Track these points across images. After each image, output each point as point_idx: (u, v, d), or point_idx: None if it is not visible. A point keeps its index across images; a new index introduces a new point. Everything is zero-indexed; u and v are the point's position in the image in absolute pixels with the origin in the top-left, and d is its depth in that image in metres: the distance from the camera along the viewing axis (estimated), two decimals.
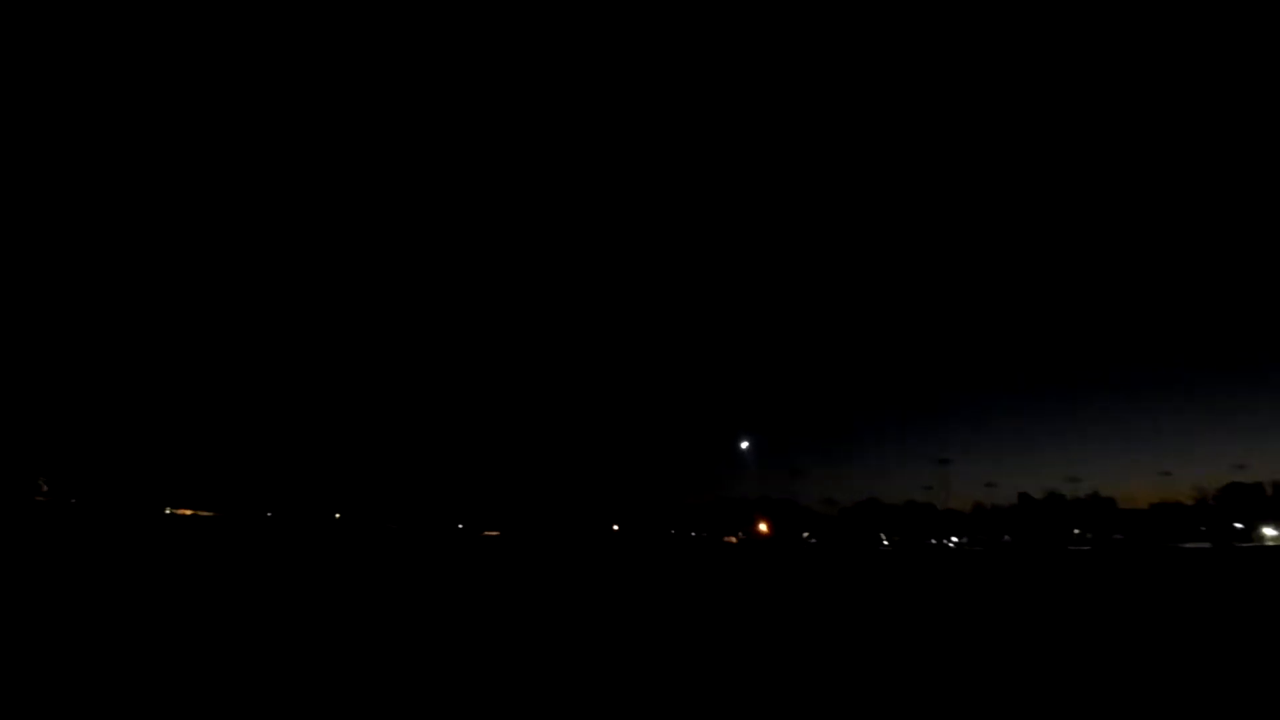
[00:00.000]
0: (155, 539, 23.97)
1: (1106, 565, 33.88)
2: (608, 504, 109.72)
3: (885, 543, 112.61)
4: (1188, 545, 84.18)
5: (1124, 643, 8.85)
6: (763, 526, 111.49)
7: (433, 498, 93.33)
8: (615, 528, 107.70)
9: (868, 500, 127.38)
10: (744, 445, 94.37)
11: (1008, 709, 5.42)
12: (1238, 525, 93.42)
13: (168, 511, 78.20)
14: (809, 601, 13.42)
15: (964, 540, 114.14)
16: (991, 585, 19.91)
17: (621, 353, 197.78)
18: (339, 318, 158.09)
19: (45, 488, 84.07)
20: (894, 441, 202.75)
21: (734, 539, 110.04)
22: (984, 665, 7.07)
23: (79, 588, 9.93)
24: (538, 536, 72.40)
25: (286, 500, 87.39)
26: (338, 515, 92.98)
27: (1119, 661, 7.46)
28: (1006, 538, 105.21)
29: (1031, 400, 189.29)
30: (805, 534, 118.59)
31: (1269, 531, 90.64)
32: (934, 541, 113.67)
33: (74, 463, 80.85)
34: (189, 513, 78.74)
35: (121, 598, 9.17)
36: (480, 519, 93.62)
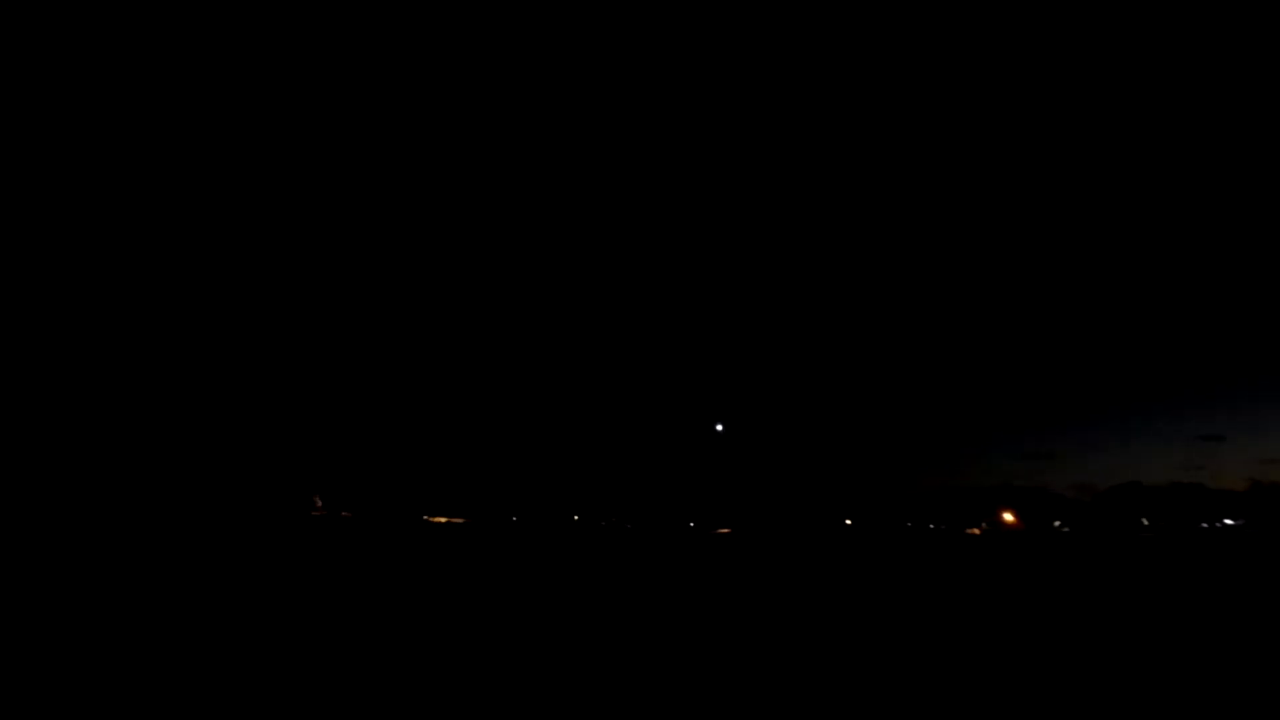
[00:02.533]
0: (414, 544, 25.83)
1: None
2: (840, 495, 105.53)
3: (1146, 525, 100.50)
4: None
5: None
6: (1008, 516, 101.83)
7: (666, 495, 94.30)
8: (848, 522, 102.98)
9: (1127, 483, 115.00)
10: (719, 428, 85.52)
11: None
12: None
13: (425, 519, 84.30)
14: (1084, 612, 10.23)
15: (1240, 522, 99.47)
16: None
17: (850, 332, 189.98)
18: (528, 334, 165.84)
19: (320, 503, 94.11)
20: (1154, 419, 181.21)
21: (977, 530, 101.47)
22: None
23: (352, 586, 10.90)
24: (770, 534, 69.82)
25: (530, 504, 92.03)
26: (575, 517, 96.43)
27: None
28: None
29: None
30: (1056, 523, 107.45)
31: None
32: (1204, 525, 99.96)
33: (343, 480, 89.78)
34: (443, 520, 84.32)
35: (387, 593, 10.11)
36: (711, 516, 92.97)
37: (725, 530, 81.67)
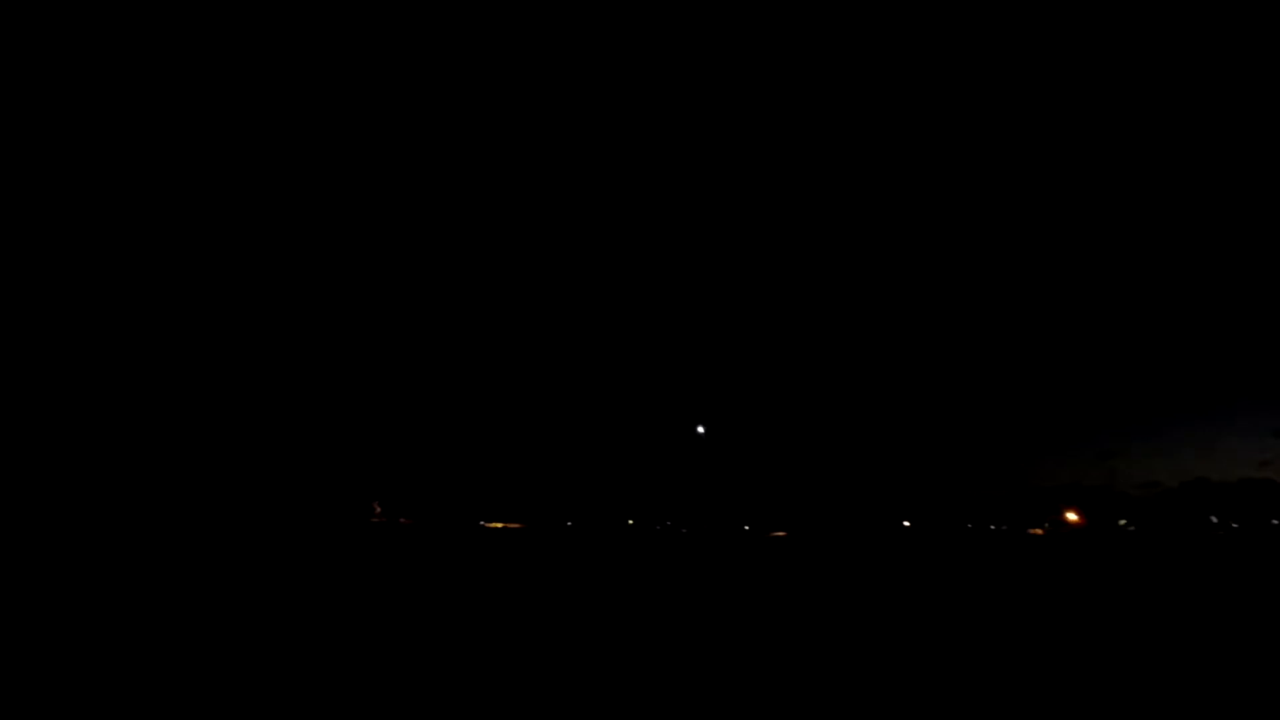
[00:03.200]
0: (470, 549, 26.18)
1: None
2: (898, 497, 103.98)
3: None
4: None
5: None
6: (1071, 516, 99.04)
7: (720, 499, 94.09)
8: (906, 524, 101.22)
9: (1194, 481, 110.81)
10: (700, 430, 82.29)
11: None
12: None
13: (482, 524, 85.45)
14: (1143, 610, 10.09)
15: None
16: None
17: (918, 333, 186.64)
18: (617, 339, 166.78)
19: (379, 509, 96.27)
20: (1224, 414, 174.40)
21: (1040, 530, 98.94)
22: None
23: (406, 591, 11.01)
24: (825, 537, 69.05)
25: (585, 509, 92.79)
26: (630, 521, 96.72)
27: None
28: None
29: None
30: (1122, 521, 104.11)
31: None
32: (1275, 523, 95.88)
33: (402, 487, 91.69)
34: (499, 525, 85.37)
35: (441, 598, 10.24)
36: (766, 520, 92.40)
37: (781, 534, 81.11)
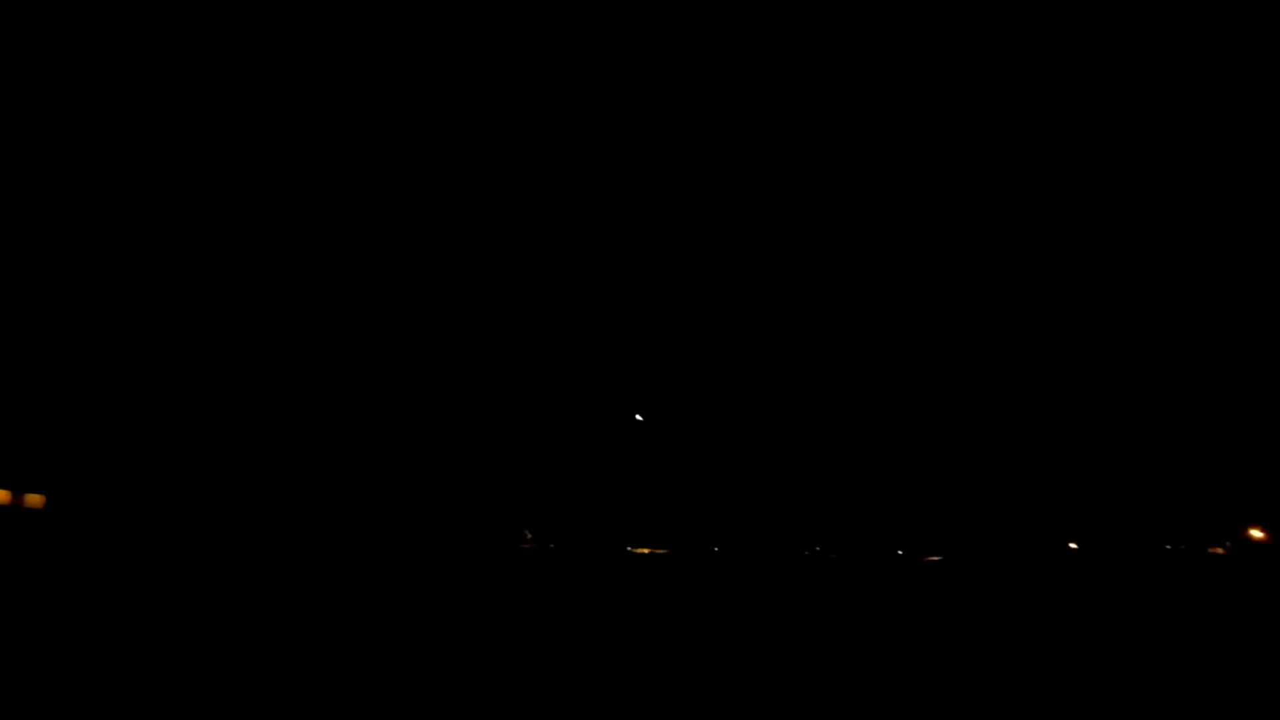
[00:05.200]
0: (616, 575, 26.75)
1: None
2: (1066, 512, 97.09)
3: None
4: None
5: None
6: (1257, 533, 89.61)
7: (869, 517, 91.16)
8: (1073, 545, 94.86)
9: None
10: (638, 418, 73.51)
11: None
12: None
13: (628, 549, 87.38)
14: None
15: None
16: None
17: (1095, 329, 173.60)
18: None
19: (530, 536, 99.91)
20: None
21: (1221, 550, 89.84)
22: None
23: (553, 620, 11.40)
24: (986, 561, 65.97)
25: (730, 532, 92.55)
26: (774, 543, 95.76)
27: None
28: None
29: None
30: None
31: None
32: None
33: (550, 512, 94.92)
34: (646, 551, 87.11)
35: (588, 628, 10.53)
36: (919, 541, 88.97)
37: (936, 558, 77.83)
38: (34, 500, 21.17)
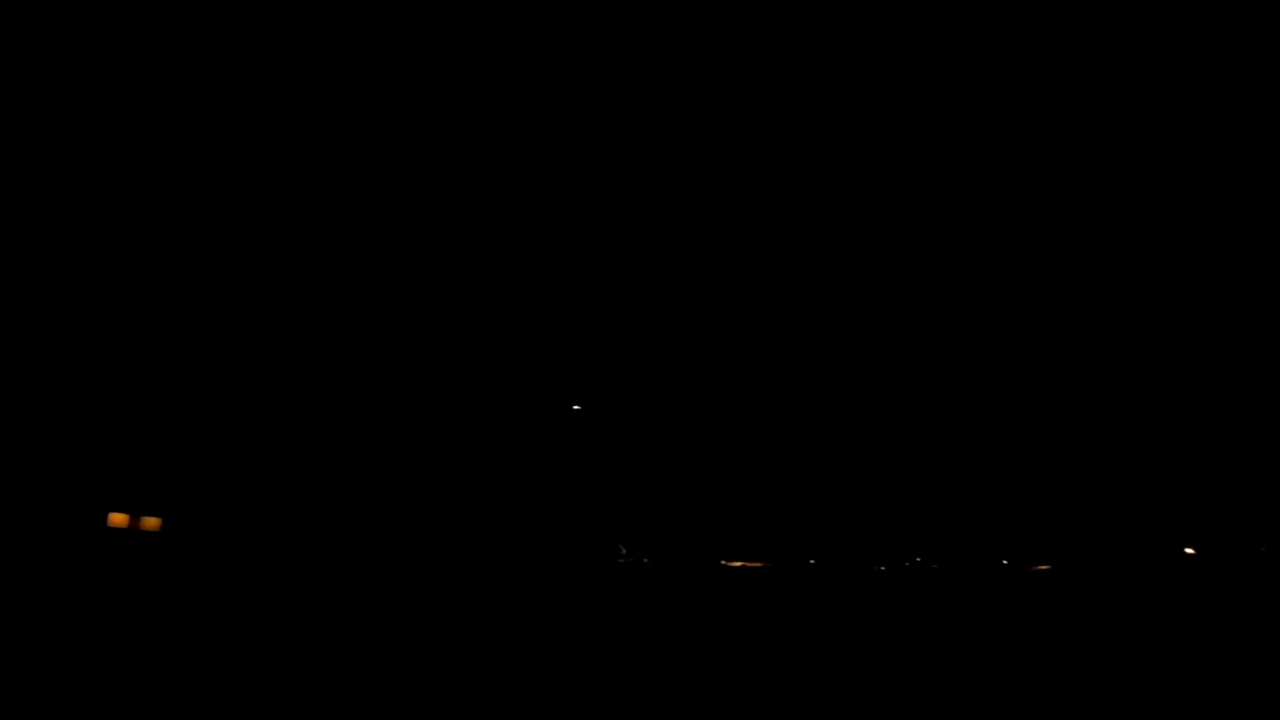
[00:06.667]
0: (710, 591, 26.47)
1: None
2: (1185, 513, 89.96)
3: None
4: None
5: None
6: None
7: (970, 522, 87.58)
8: (1189, 550, 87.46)
9: None
10: (575, 408, 65.65)
11: None
12: None
13: (722, 563, 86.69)
14: None
15: None
16: None
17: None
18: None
19: (624, 551, 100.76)
20: None
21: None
22: None
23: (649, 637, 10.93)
24: (1098, 571, 61.58)
25: (826, 544, 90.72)
26: (863, 553, 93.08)
27: None
28: None
29: None
30: None
31: None
32: None
33: (645, 526, 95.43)
34: (739, 564, 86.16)
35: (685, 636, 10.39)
36: (1026, 550, 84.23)
37: (1044, 567, 73.58)
38: (151, 523, 22.33)
